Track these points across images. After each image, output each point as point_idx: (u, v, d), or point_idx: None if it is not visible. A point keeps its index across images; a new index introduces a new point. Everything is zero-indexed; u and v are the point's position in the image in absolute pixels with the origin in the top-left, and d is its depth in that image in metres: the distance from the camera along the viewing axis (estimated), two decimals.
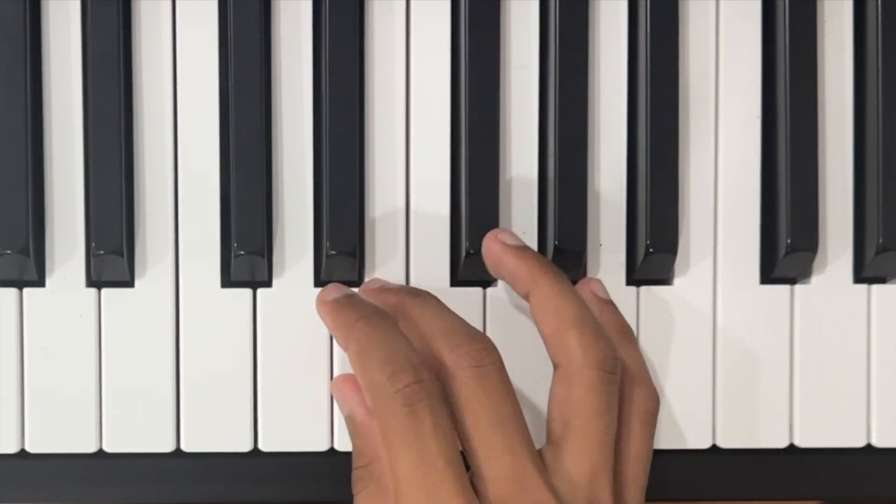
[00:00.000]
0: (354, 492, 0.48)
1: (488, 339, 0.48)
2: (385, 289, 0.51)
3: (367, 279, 0.53)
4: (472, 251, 0.52)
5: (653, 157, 0.52)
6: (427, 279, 0.53)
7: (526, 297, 0.50)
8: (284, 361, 0.52)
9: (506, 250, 0.51)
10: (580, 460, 0.47)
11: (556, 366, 0.49)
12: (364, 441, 0.48)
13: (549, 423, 0.48)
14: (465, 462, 0.47)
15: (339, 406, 0.50)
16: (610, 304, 0.52)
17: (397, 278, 0.52)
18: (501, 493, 0.46)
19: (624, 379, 0.50)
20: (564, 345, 0.48)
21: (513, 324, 0.53)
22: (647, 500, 0.51)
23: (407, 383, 0.46)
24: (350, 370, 0.49)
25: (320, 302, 0.51)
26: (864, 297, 0.54)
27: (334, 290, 0.51)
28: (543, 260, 0.51)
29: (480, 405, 0.46)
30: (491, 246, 0.51)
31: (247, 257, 0.51)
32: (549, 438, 0.48)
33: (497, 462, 0.46)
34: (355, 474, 0.48)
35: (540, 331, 0.49)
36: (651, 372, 0.52)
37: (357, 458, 0.48)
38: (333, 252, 0.51)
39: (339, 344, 0.50)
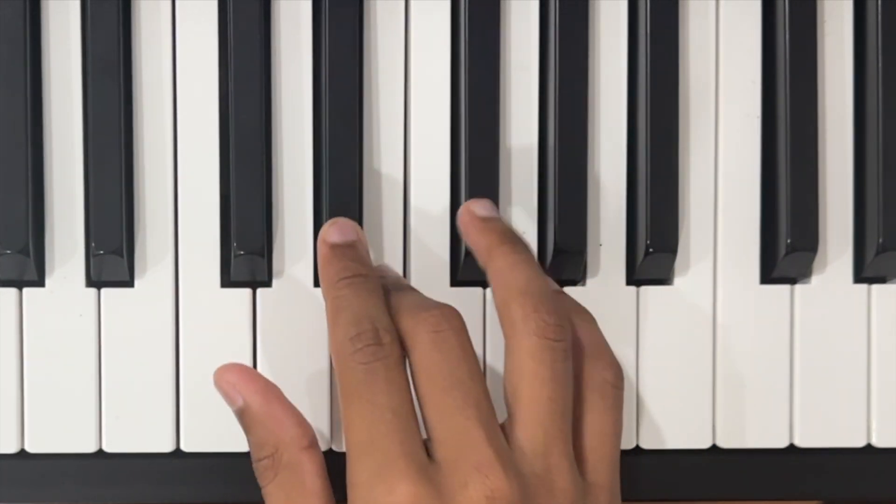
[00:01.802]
0: (262, 484, 0.48)
1: (450, 308, 0.48)
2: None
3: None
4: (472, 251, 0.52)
5: (653, 157, 0.52)
6: (427, 279, 0.53)
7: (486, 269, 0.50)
8: (284, 361, 0.52)
9: (472, 221, 0.51)
10: (531, 428, 0.47)
11: (505, 338, 0.48)
12: (265, 428, 0.48)
13: (504, 395, 0.48)
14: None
15: (229, 399, 0.49)
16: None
17: None
18: (448, 454, 0.45)
19: (580, 355, 0.49)
20: (508, 315, 0.48)
21: None
22: (646, 501, 0.51)
23: (366, 343, 0.46)
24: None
25: (320, 241, 0.51)
26: (864, 297, 0.54)
27: (336, 233, 0.51)
28: (505, 232, 0.50)
29: (436, 369, 0.46)
30: (461, 216, 0.51)
31: (246, 257, 0.51)
32: (507, 411, 0.48)
33: (447, 423, 0.46)
34: (260, 466, 0.48)
35: (494, 300, 0.49)
36: (651, 372, 0.52)
37: (259, 449, 0.48)
38: None
39: (322, 295, 0.50)
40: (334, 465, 0.52)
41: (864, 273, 0.54)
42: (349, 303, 0.48)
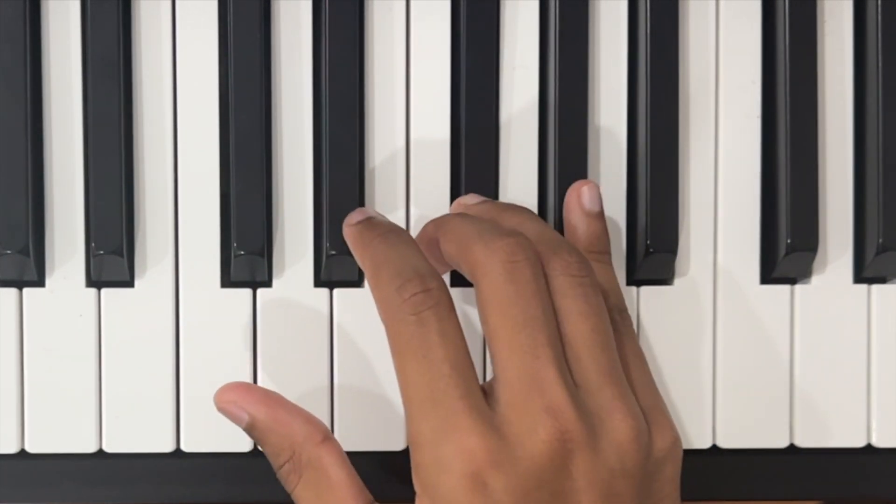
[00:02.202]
0: (289, 489, 0.48)
1: (523, 236, 0.47)
2: (423, 228, 0.51)
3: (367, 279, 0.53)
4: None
5: (653, 157, 0.52)
6: None
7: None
8: (284, 361, 0.52)
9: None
10: (585, 362, 0.46)
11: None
12: (276, 435, 0.48)
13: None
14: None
15: (234, 418, 0.49)
16: (593, 216, 0.51)
17: None
18: (516, 396, 0.45)
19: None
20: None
21: None
22: None
23: (413, 292, 0.45)
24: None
25: (345, 226, 0.50)
26: (864, 297, 0.54)
27: (358, 214, 0.50)
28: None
29: (509, 303, 0.45)
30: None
31: (247, 257, 0.51)
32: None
33: (518, 363, 0.45)
34: (282, 473, 0.48)
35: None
36: (651, 372, 0.52)
37: (277, 457, 0.48)
38: (333, 252, 0.51)
39: (359, 264, 0.50)
40: None
41: (864, 273, 0.54)
42: (386, 256, 0.47)
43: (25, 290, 0.52)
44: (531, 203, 0.53)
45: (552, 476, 0.44)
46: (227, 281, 0.52)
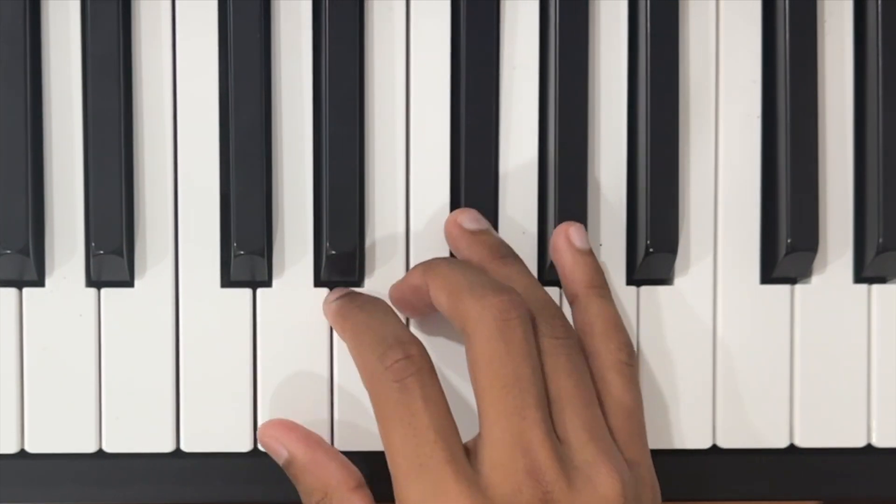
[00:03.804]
0: None
1: (516, 292, 0.47)
2: (405, 276, 0.51)
3: (367, 279, 0.53)
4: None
5: (653, 157, 0.52)
6: None
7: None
8: (284, 361, 0.52)
9: (461, 235, 0.51)
10: (571, 420, 0.46)
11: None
12: (312, 475, 0.49)
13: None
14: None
15: (275, 453, 0.50)
16: (585, 254, 0.51)
17: (397, 278, 0.52)
18: (501, 457, 0.45)
19: (593, 334, 0.49)
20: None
21: None
22: None
23: (395, 359, 0.46)
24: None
25: (325, 304, 0.52)
26: (864, 297, 0.54)
27: (337, 292, 0.52)
28: (496, 245, 0.51)
29: (499, 362, 0.46)
30: (449, 228, 0.52)
31: (247, 257, 0.51)
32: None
33: (504, 424, 0.45)
34: None
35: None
36: (651, 372, 0.52)
37: (309, 497, 0.49)
38: (333, 252, 0.51)
39: (340, 336, 0.51)
40: None
41: (864, 273, 0.54)
42: (367, 325, 0.48)
43: (25, 289, 0.52)
44: (531, 204, 0.53)
45: None
46: (227, 281, 0.52)
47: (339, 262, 0.51)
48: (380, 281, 0.53)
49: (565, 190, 0.52)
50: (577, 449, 0.46)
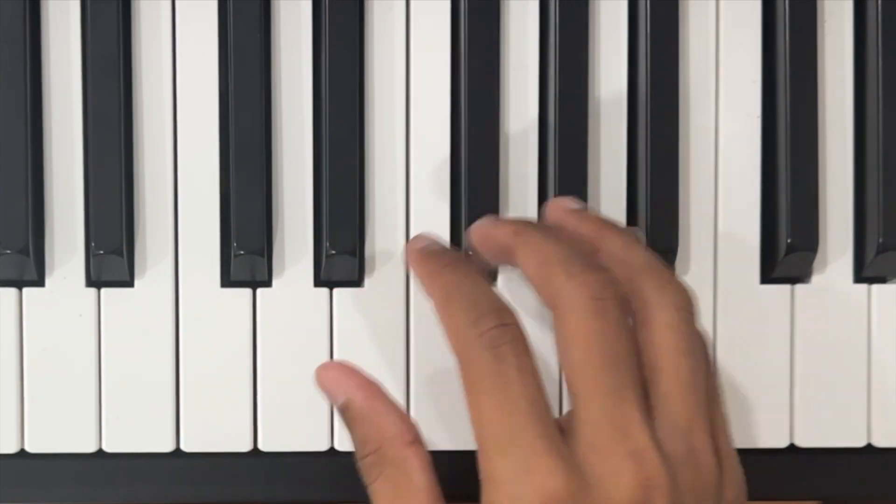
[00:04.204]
0: (368, 481, 0.47)
1: (612, 273, 0.46)
2: (496, 224, 0.50)
3: (367, 279, 0.53)
4: (471, 252, 0.51)
5: (653, 156, 0.52)
6: None
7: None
8: (284, 361, 0.52)
9: (567, 214, 0.50)
10: (675, 405, 0.45)
11: (635, 313, 0.46)
12: (369, 425, 0.47)
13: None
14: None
15: (332, 396, 0.48)
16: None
17: (397, 278, 0.52)
18: (599, 438, 0.43)
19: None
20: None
21: None
22: None
23: (490, 326, 0.44)
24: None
25: (409, 251, 0.50)
26: (864, 296, 0.54)
27: (422, 239, 0.50)
28: (603, 218, 0.50)
29: (594, 340, 0.44)
30: (551, 211, 0.50)
31: (246, 257, 0.51)
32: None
33: (600, 404, 0.43)
34: (365, 463, 0.47)
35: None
36: None
37: (363, 446, 0.47)
38: (333, 252, 0.51)
39: (426, 293, 0.48)
40: (336, 465, 0.52)
41: (864, 273, 0.54)
42: (459, 286, 0.46)
43: (25, 290, 0.52)
44: (532, 203, 0.53)
45: None
46: (227, 281, 0.52)
47: (339, 262, 0.51)
48: (380, 281, 0.53)
49: (565, 190, 0.52)
50: (677, 434, 0.45)
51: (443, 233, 0.53)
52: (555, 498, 0.42)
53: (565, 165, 0.52)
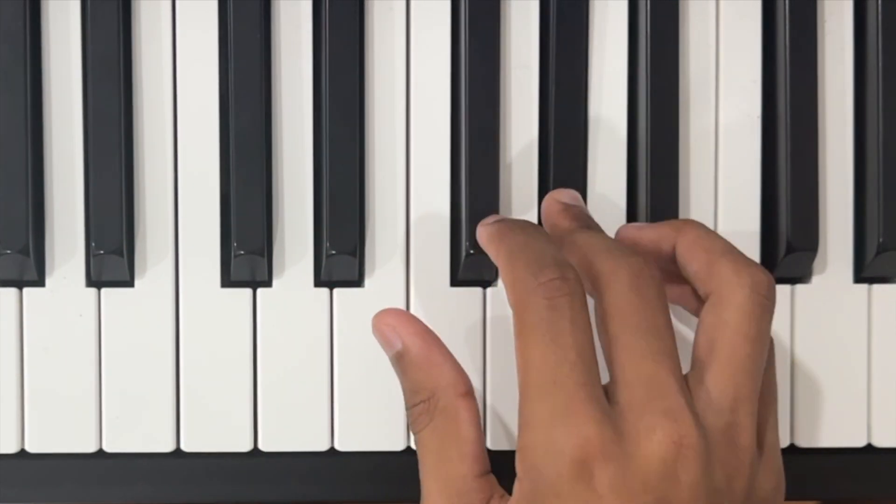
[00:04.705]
0: (416, 430, 0.47)
1: (650, 258, 0.46)
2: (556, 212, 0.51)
3: (367, 279, 0.53)
4: (471, 251, 0.52)
5: (653, 156, 0.52)
6: (427, 279, 0.53)
7: (663, 252, 0.49)
8: (284, 361, 0.52)
9: (641, 229, 0.50)
10: (723, 382, 0.45)
11: (707, 297, 0.47)
12: (424, 372, 0.47)
13: (694, 349, 0.46)
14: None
15: (386, 343, 0.49)
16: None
17: (397, 278, 0.52)
18: (635, 398, 0.44)
19: (721, 272, 0.47)
20: (716, 272, 0.46)
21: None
22: None
23: (551, 277, 0.44)
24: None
25: (481, 225, 0.50)
26: (864, 297, 0.54)
27: (492, 217, 0.50)
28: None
29: (632, 309, 0.45)
30: (626, 232, 0.51)
31: (247, 257, 0.51)
32: (693, 364, 0.46)
33: (637, 365, 0.44)
34: (414, 411, 0.47)
35: (688, 271, 0.48)
36: None
37: (414, 394, 0.47)
38: (333, 252, 0.51)
39: (492, 258, 0.49)
40: (336, 465, 0.52)
41: (864, 273, 0.54)
42: (525, 244, 0.46)
43: (25, 289, 0.52)
44: (531, 203, 0.53)
45: (658, 480, 0.43)
46: (227, 281, 0.52)
47: (339, 262, 0.51)
48: (380, 281, 0.53)
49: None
50: (720, 411, 0.45)
51: (443, 233, 0.53)
52: (589, 443, 0.43)
53: (565, 165, 0.52)
